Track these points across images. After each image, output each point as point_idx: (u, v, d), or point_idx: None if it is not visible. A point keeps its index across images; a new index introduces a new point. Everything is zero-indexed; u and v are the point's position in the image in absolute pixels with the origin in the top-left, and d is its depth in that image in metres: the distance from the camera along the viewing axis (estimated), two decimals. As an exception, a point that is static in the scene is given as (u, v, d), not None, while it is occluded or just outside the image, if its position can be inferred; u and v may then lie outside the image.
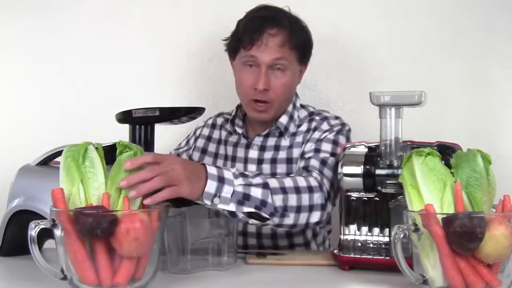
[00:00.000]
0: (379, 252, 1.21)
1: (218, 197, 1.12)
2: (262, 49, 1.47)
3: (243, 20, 1.55)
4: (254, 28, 1.48)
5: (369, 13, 1.94)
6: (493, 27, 1.93)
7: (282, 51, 1.49)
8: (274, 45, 1.48)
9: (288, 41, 1.49)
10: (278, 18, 1.50)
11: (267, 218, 1.21)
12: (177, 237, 1.17)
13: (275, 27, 1.48)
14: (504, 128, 1.93)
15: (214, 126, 1.70)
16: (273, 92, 1.50)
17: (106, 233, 0.91)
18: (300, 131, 1.57)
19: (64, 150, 1.02)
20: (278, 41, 1.48)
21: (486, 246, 0.90)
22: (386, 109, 1.18)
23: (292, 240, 1.58)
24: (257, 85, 1.48)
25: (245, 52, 1.50)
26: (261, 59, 1.48)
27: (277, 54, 1.48)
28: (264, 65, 1.48)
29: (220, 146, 1.66)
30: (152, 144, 1.28)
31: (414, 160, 1.00)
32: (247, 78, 1.51)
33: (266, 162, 1.56)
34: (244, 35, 1.50)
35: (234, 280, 1.15)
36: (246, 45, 1.49)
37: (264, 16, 1.51)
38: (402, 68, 1.92)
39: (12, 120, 1.96)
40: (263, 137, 1.59)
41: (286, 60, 1.50)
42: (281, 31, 1.49)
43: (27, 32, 1.95)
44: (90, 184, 0.99)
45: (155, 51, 1.95)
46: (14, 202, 1.27)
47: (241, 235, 1.57)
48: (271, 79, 1.49)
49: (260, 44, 1.47)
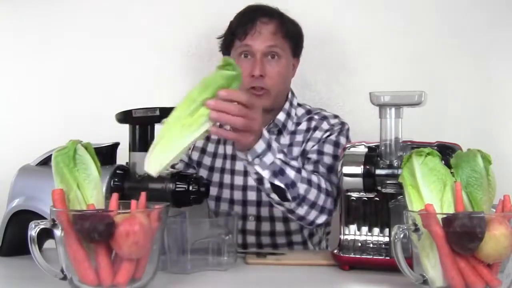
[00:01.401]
0: (379, 252, 1.21)
1: (259, 158, 1.16)
2: (256, 37, 1.54)
3: (235, 16, 1.63)
4: (247, 19, 1.57)
5: (369, 13, 1.94)
6: (493, 27, 1.92)
7: (275, 38, 1.56)
8: (267, 33, 1.55)
9: (280, 29, 1.56)
10: (269, 9, 1.59)
11: (287, 200, 1.25)
12: (177, 237, 1.17)
13: (266, 16, 1.57)
14: (504, 128, 1.93)
15: None
16: (269, 79, 1.55)
17: (104, 237, 0.91)
18: (299, 130, 1.61)
19: (53, 155, 1.02)
20: (271, 29, 1.56)
21: (486, 246, 0.90)
22: (386, 109, 1.18)
23: (291, 238, 1.59)
24: (254, 72, 1.53)
25: (240, 43, 1.57)
26: (255, 47, 1.55)
27: (270, 41, 1.55)
28: (259, 53, 1.54)
29: (219, 146, 1.67)
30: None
31: (414, 160, 1.00)
32: (244, 68, 1.52)
33: None
34: (237, 27, 1.57)
35: (234, 280, 1.15)
36: (241, 35, 1.56)
37: (256, 8, 1.60)
38: (402, 68, 1.92)
39: (12, 120, 1.96)
40: None
41: (280, 48, 1.56)
42: (273, 20, 1.57)
43: (27, 32, 1.95)
44: (86, 186, 1.00)
45: (155, 51, 1.95)
46: (14, 202, 1.27)
47: (240, 233, 1.59)
48: (267, 67, 1.55)
49: (253, 33, 1.54)
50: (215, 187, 1.62)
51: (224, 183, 1.62)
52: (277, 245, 1.58)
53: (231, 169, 1.62)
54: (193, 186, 1.23)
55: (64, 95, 1.94)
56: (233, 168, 1.62)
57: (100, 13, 1.95)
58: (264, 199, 1.56)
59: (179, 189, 1.23)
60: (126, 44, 1.95)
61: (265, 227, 1.58)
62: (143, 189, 1.15)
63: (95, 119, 1.86)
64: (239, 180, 1.60)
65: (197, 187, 1.24)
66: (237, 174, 1.61)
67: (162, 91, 1.94)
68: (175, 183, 1.23)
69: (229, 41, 1.61)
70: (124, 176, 1.24)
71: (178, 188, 1.23)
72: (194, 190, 1.23)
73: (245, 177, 1.59)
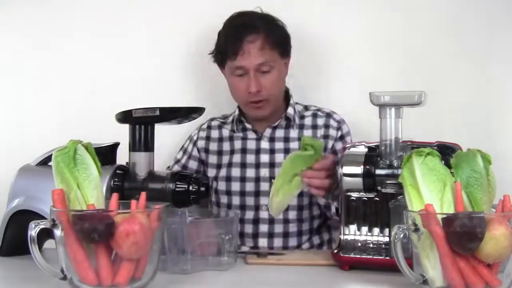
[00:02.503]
0: (379, 252, 1.22)
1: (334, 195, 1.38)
2: (246, 57, 1.59)
3: (222, 31, 1.66)
4: (233, 39, 1.60)
5: (369, 13, 1.94)
6: (493, 27, 1.92)
7: (263, 53, 1.59)
8: (256, 50, 1.59)
9: (266, 42, 1.60)
10: (252, 23, 1.61)
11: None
12: (177, 237, 1.17)
13: (252, 33, 1.59)
14: (504, 128, 1.93)
15: (210, 127, 1.77)
16: (266, 91, 1.61)
17: (103, 237, 0.91)
18: (306, 125, 1.70)
19: (53, 155, 1.02)
20: (258, 46, 1.59)
21: (486, 246, 0.90)
22: (386, 109, 1.18)
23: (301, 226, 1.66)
24: (250, 89, 1.59)
25: (231, 63, 1.61)
26: (246, 66, 1.59)
27: (260, 58, 1.59)
28: (252, 70, 1.59)
29: (222, 144, 1.73)
30: (152, 144, 1.28)
31: (414, 160, 1.00)
32: (239, 85, 1.62)
33: (278, 152, 1.68)
34: (226, 46, 1.62)
35: (234, 280, 1.15)
36: (231, 55, 1.60)
37: (239, 24, 1.63)
38: (402, 68, 1.92)
39: (12, 120, 1.95)
40: (272, 129, 1.70)
41: (270, 61, 1.61)
42: (259, 35, 1.60)
43: (27, 32, 1.94)
44: (86, 186, 1.00)
45: (155, 51, 1.95)
46: (14, 202, 1.27)
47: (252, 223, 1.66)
48: (261, 81, 1.60)
49: (243, 53, 1.58)
50: (223, 181, 1.69)
51: (232, 176, 1.68)
52: (288, 234, 1.64)
53: (240, 162, 1.69)
54: (193, 186, 1.23)
55: (64, 95, 1.94)
56: (243, 161, 1.69)
57: (100, 13, 1.95)
58: None
59: (179, 189, 1.23)
60: (126, 44, 1.95)
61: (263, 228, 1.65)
62: (143, 189, 1.15)
63: (95, 119, 1.86)
64: (251, 173, 1.67)
65: (197, 187, 1.24)
66: (248, 167, 1.68)
67: (162, 91, 1.94)
68: (175, 183, 1.23)
69: (221, 60, 1.66)
70: (124, 176, 1.25)
71: (178, 188, 1.23)
72: (194, 190, 1.23)
73: (257, 169, 1.67)
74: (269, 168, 1.67)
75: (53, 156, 1.02)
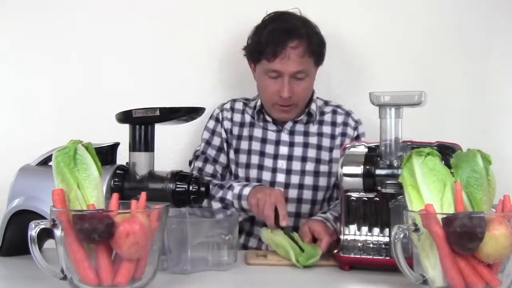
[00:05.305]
0: (379, 252, 1.22)
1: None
2: (285, 62, 1.57)
3: (263, 29, 1.62)
4: (276, 42, 1.57)
5: (369, 13, 1.94)
6: (493, 27, 1.92)
7: (303, 61, 1.59)
8: (296, 57, 1.58)
9: (307, 50, 1.59)
10: (297, 29, 1.59)
11: None
12: (177, 237, 1.17)
13: (295, 39, 1.58)
14: (504, 128, 1.93)
15: (233, 109, 1.75)
16: (296, 96, 1.62)
17: (103, 237, 0.91)
18: (326, 121, 1.72)
19: (53, 155, 1.02)
20: (299, 53, 1.58)
21: (486, 246, 0.90)
22: (386, 109, 1.18)
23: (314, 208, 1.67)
24: (282, 93, 1.59)
25: (268, 64, 1.59)
26: (284, 71, 1.58)
27: (299, 66, 1.58)
28: (287, 76, 1.59)
29: (243, 129, 1.73)
30: (152, 144, 1.28)
31: (414, 160, 1.00)
32: (271, 87, 1.61)
33: (297, 145, 1.70)
34: (267, 47, 1.58)
35: (234, 280, 1.15)
36: (270, 57, 1.58)
37: (285, 29, 1.59)
38: (402, 68, 1.92)
39: (12, 120, 1.95)
40: (293, 123, 1.71)
41: (307, 69, 1.61)
42: (301, 43, 1.58)
43: (27, 32, 1.94)
44: (86, 186, 1.00)
45: (155, 51, 1.95)
46: (14, 202, 1.27)
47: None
48: (294, 87, 1.61)
49: (283, 57, 1.57)
50: (242, 168, 1.70)
51: (252, 163, 1.70)
52: (300, 214, 1.66)
53: (260, 150, 1.70)
54: (193, 186, 1.23)
55: (64, 95, 1.94)
56: (262, 150, 1.70)
57: (101, 14, 1.95)
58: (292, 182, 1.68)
59: (179, 189, 1.23)
60: (126, 44, 1.95)
61: (292, 194, 1.67)
62: (143, 189, 1.15)
63: (95, 119, 1.86)
64: (269, 163, 1.69)
65: (197, 187, 1.24)
66: (267, 157, 1.70)
67: (162, 91, 1.94)
68: (175, 183, 1.23)
69: (256, 58, 1.64)
70: (124, 176, 1.24)
71: (178, 188, 1.23)
72: (194, 190, 1.23)
73: (275, 160, 1.69)
74: (287, 160, 1.68)
75: (53, 156, 1.02)
